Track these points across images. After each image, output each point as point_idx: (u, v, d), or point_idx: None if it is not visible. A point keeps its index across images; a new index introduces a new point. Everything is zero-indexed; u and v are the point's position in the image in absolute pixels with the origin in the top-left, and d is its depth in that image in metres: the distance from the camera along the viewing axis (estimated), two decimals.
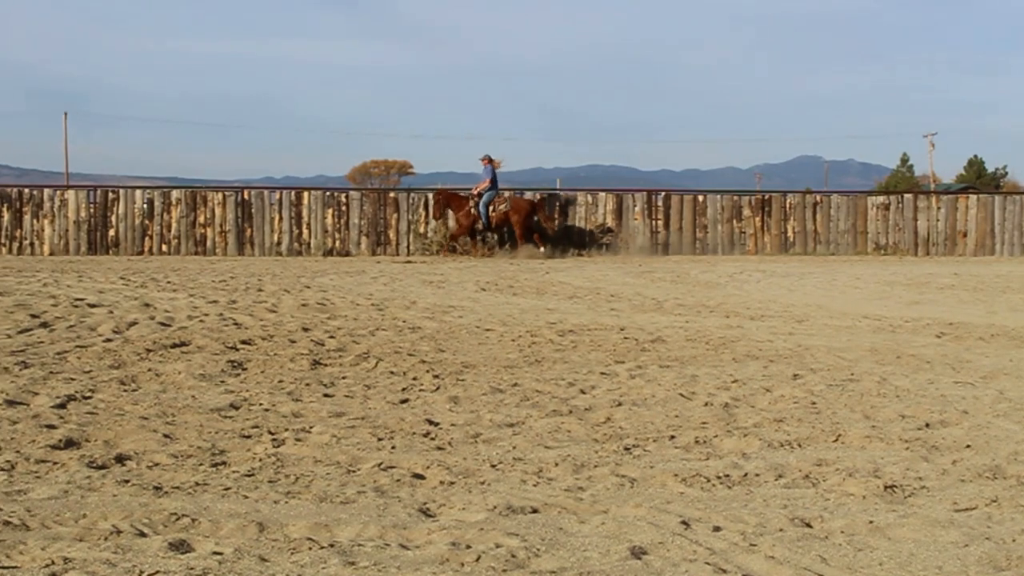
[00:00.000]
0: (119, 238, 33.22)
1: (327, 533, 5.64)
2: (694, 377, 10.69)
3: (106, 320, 14.51)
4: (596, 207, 35.06)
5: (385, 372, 10.89)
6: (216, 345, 12.35)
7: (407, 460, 7.28)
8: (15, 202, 33.20)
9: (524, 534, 5.63)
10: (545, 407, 9.15)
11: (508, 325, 14.72)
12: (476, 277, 23.70)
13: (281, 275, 23.82)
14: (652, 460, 7.36)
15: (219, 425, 8.32)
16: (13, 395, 9.26)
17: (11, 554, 5.21)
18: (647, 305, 17.99)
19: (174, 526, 5.73)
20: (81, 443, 7.65)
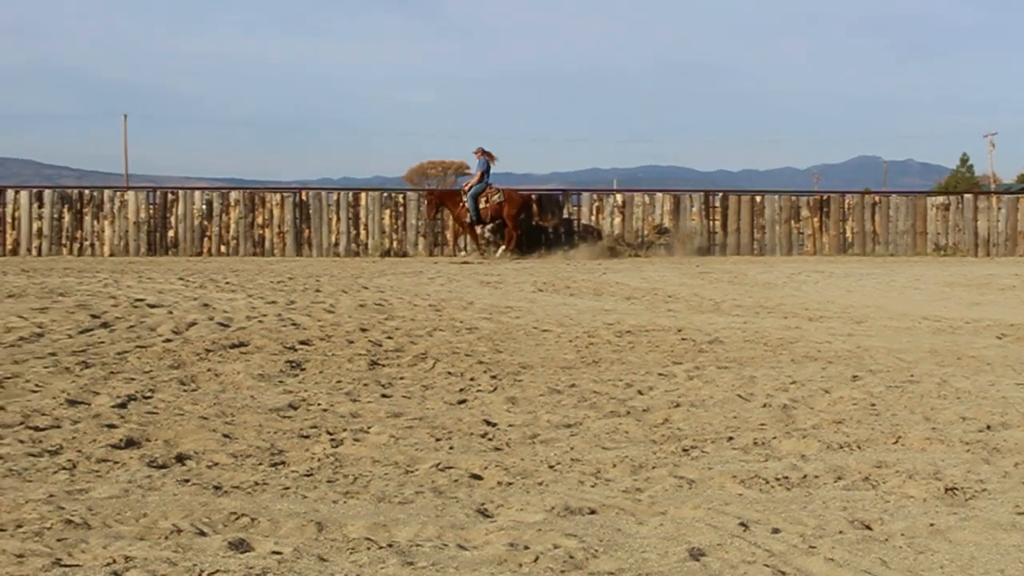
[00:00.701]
0: (178, 239, 33.42)
1: (385, 533, 5.65)
2: (752, 378, 10.65)
3: (166, 320, 14.60)
4: (653, 207, 34.98)
5: (443, 373, 10.90)
6: (275, 345, 12.40)
7: (465, 460, 7.28)
8: (76, 203, 33.47)
9: (582, 535, 5.63)
10: (603, 408, 9.14)
11: (565, 326, 14.71)
12: (533, 278, 23.70)
13: (339, 276, 23.90)
14: (710, 461, 7.34)
15: (278, 425, 8.35)
16: (74, 395, 9.34)
17: (73, 552, 5.25)
18: (705, 306, 17.94)
19: (234, 525, 5.75)
20: (142, 443, 7.70)
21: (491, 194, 32.83)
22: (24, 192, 33.82)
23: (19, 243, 33.00)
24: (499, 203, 32.71)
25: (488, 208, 32.74)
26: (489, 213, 32.82)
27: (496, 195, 32.85)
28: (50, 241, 33.15)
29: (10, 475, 6.77)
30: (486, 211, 32.74)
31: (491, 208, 32.75)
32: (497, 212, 32.85)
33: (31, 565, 5.06)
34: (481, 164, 33.06)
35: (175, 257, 32.33)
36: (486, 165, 33.08)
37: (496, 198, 32.78)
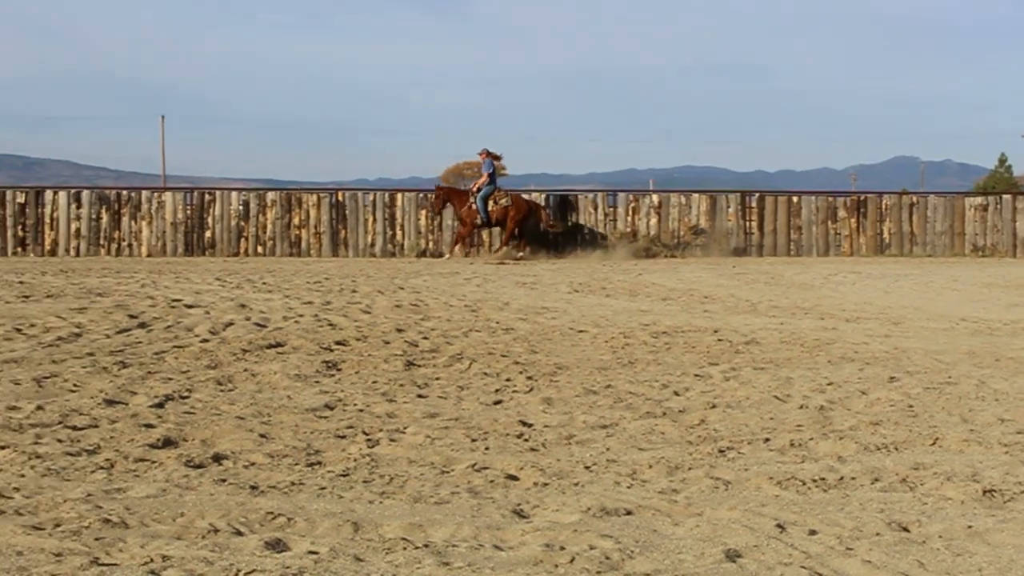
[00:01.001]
0: (215, 239, 33.53)
1: (421, 533, 5.66)
2: (789, 379, 10.62)
3: (203, 321, 14.65)
4: (689, 208, 34.92)
5: (479, 373, 10.91)
6: (311, 346, 12.43)
7: (501, 461, 7.29)
8: (114, 204, 33.61)
9: (618, 536, 5.62)
10: (639, 409, 9.13)
11: (601, 326, 14.70)
12: (569, 278, 23.69)
13: (375, 276, 23.94)
14: (747, 463, 7.32)
15: (314, 425, 8.37)
16: (112, 394, 9.39)
17: (111, 551, 5.28)
18: (741, 307, 17.90)
19: (270, 525, 5.77)
20: (179, 442, 7.73)
21: (499, 197, 32.80)
22: (63, 193, 33.99)
23: (58, 243, 33.16)
24: (505, 207, 32.70)
25: (495, 211, 32.72)
26: (495, 216, 32.80)
27: (504, 199, 32.82)
28: (88, 242, 33.30)
29: (49, 474, 6.81)
30: (493, 213, 32.72)
31: (497, 211, 32.73)
32: (502, 216, 32.82)
33: (69, 564, 5.09)
34: (488, 166, 33.02)
35: (212, 258, 32.42)
36: (492, 167, 33.06)
37: (503, 202, 32.75)
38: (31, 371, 10.49)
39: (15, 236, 33.20)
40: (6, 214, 33.21)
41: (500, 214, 32.74)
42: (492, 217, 32.72)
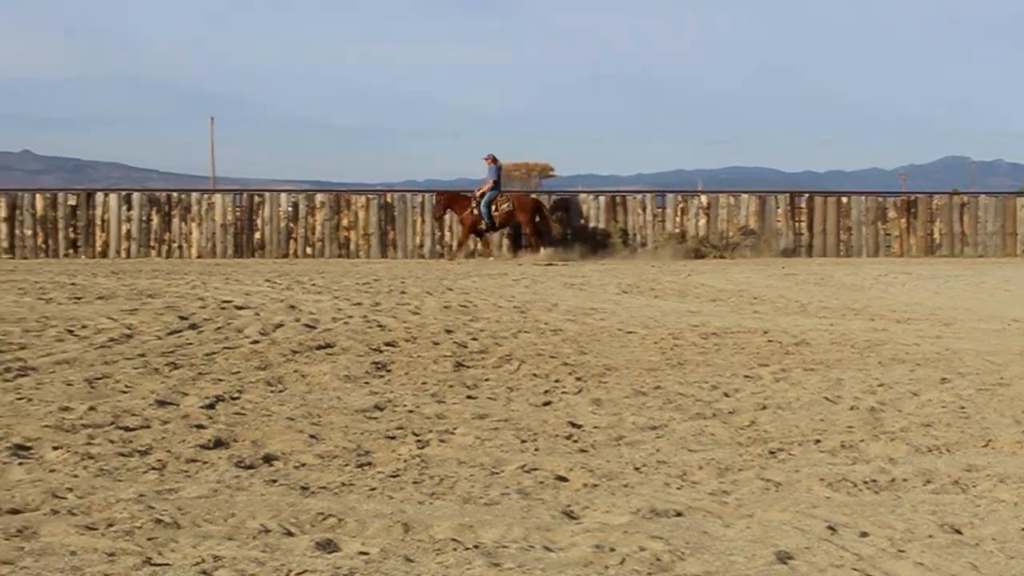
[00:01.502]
0: (264, 241, 33.65)
1: (472, 534, 5.66)
2: (839, 381, 10.57)
3: (253, 322, 14.72)
4: (738, 209, 34.81)
5: (528, 374, 10.91)
6: (360, 347, 12.46)
7: (550, 462, 7.28)
8: (164, 206, 33.79)
9: (668, 537, 5.61)
10: (688, 410, 9.11)
11: (650, 327, 14.67)
12: (617, 279, 23.66)
13: (424, 277, 23.98)
14: (797, 464, 7.29)
15: (364, 426, 8.39)
16: (164, 395, 9.44)
17: (163, 551, 5.31)
18: (791, 307, 17.83)
19: (321, 526, 5.79)
20: (230, 443, 7.77)
21: (500, 202, 32.75)
22: (113, 195, 34.20)
23: (108, 245, 33.37)
24: (508, 211, 32.65)
25: (498, 216, 32.68)
26: (499, 221, 32.77)
27: (505, 203, 32.76)
28: (139, 243, 33.49)
29: (101, 474, 6.86)
30: (497, 218, 32.69)
31: (500, 216, 32.69)
32: (506, 219, 32.79)
33: (122, 564, 5.12)
34: (492, 171, 32.95)
35: (261, 259, 32.55)
36: (497, 172, 33.01)
37: (505, 207, 32.69)
38: (83, 372, 10.56)
39: (67, 238, 33.42)
40: (58, 216, 33.44)
41: (504, 218, 32.73)
42: (496, 221, 32.72)
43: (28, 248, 33.21)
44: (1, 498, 6.21)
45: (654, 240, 34.11)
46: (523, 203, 32.90)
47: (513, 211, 32.59)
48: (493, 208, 32.57)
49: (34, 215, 33.39)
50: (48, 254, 33.08)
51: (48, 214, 33.45)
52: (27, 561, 5.14)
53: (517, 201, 32.91)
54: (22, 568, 5.05)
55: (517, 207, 32.66)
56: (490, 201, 32.59)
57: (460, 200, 33.11)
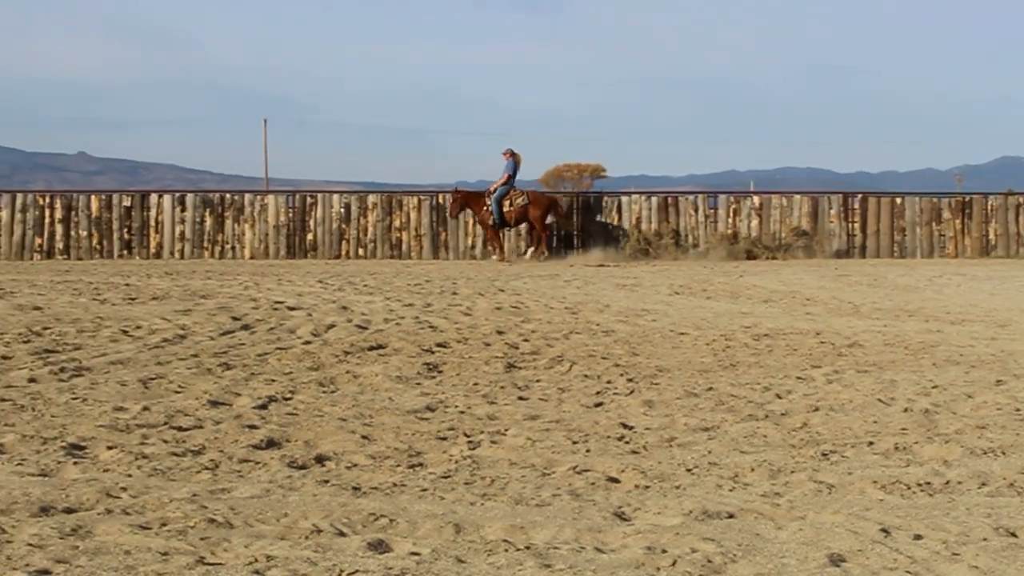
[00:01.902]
0: (317, 242, 33.75)
1: (523, 535, 5.66)
2: (893, 382, 10.52)
3: (305, 323, 14.77)
4: (791, 210, 34.66)
5: (579, 375, 10.91)
6: (412, 348, 12.49)
7: (602, 463, 7.28)
8: (217, 207, 33.96)
9: (720, 539, 5.59)
10: (740, 411, 9.08)
11: (702, 329, 14.63)
12: (669, 280, 23.61)
13: (475, 278, 24.00)
14: (850, 466, 7.25)
15: (416, 427, 8.41)
16: (216, 396, 9.49)
17: (216, 551, 5.34)
18: (844, 309, 17.74)
19: (373, 526, 5.80)
20: (282, 443, 7.80)
21: (515, 197, 32.35)
22: (167, 196, 34.41)
23: (162, 246, 33.56)
24: (523, 206, 32.21)
25: (512, 211, 32.33)
26: (514, 216, 32.46)
27: (520, 198, 32.36)
28: (192, 244, 33.67)
29: (155, 474, 6.90)
30: (510, 214, 32.34)
31: (515, 211, 32.33)
32: (522, 215, 32.42)
33: (175, 563, 5.15)
34: (509, 166, 32.59)
35: (314, 260, 32.64)
36: (513, 167, 32.67)
37: (520, 201, 32.31)
38: (137, 372, 10.64)
39: (121, 239, 33.64)
40: (112, 217, 33.67)
41: (519, 214, 32.36)
42: (510, 218, 32.42)
43: (83, 249, 33.44)
44: (56, 497, 6.26)
45: (706, 241, 34.02)
46: (538, 200, 32.66)
47: (527, 207, 32.33)
48: (507, 204, 32.28)
49: (89, 216, 33.63)
50: (103, 255, 33.30)
51: (103, 215, 33.69)
52: (82, 560, 5.18)
53: (532, 198, 32.64)
54: (77, 567, 5.09)
55: (532, 203, 32.41)
56: (501, 196, 32.27)
57: (477, 199, 32.83)
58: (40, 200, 34.17)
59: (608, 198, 35.20)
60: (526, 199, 32.36)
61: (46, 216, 33.62)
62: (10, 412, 8.70)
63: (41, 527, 5.65)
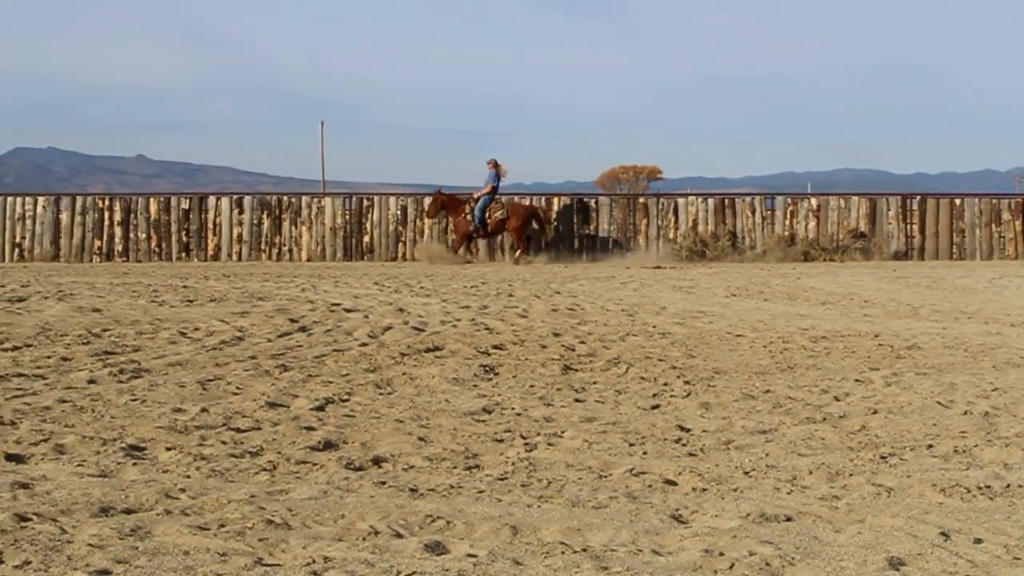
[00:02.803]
0: (373, 244, 33.83)
1: (580, 538, 5.66)
2: (952, 385, 10.44)
3: (362, 325, 14.81)
4: (849, 211, 34.48)
5: (636, 377, 10.89)
6: (468, 350, 12.50)
7: (659, 466, 7.26)
8: (274, 209, 34.11)
9: (778, 542, 5.57)
10: (798, 414, 9.04)
11: (759, 331, 14.58)
12: (726, 282, 23.53)
13: (531, 280, 24.00)
14: (909, 469, 7.21)
15: (472, 429, 8.42)
16: (274, 397, 9.53)
17: (274, 552, 5.36)
18: (902, 311, 17.63)
19: (429, 528, 5.81)
20: (339, 445, 7.82)
21: (494, 209, 32.55)
22: (225, 199, 34.60)
23: (220, 248, 33.74)
24: (501, 219, 32.50)
25: (491, 223, 32.53)
26: (492, 227, 32.62)
27: (499, 211, 32.56)
28: (250, 246, 33.83)
29: (213, 475, 6.94)
30: (490, 224, 32.55)
31: (493, 223, 32.55)
32: (499, 227, 32.65)
33: (234, 564, 5.18)
34: (492, 177, 32.79)
35: (370, 262, 32.72)
36: (496, 178, 32.85)
37: (499, 214, 32.51)
38: (195, 374, 10.70)
39: (179, 241, 33.85)
40: (171, 220, 33.88)
41: (496, 225, 32.59)
42: (489, 227, 32.59)
43: (142, 251, 33.68)
44: (116, 498, 6.30)
45: (763, 243, 33.89)
46: (516, 211, 32.81)
47: (506, 219, 32.52)
48: (487, 214, 32.49)
49: (148, 219, 33.86)
50: (161, 257, 33.53)
51: (161, 218, 33.91)
52: (141, 560, 5.21)
53: (511, 210, 32.81)
54: (136, 567, 5.12)
55: (511, 214, 32.60)
56: (484, 206, 32.48)
57: (455, 204, 32.97)
58: (99, 203, 34.45)
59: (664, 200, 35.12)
60: (505, 212, 32.61)
61: (105, 219, 33.87)
62: (70, 413, 8.78)
63: (101, 528, 5.69)
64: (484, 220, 32.40)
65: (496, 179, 32.80)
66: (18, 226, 33.80)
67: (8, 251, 33.64)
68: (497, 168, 32.89)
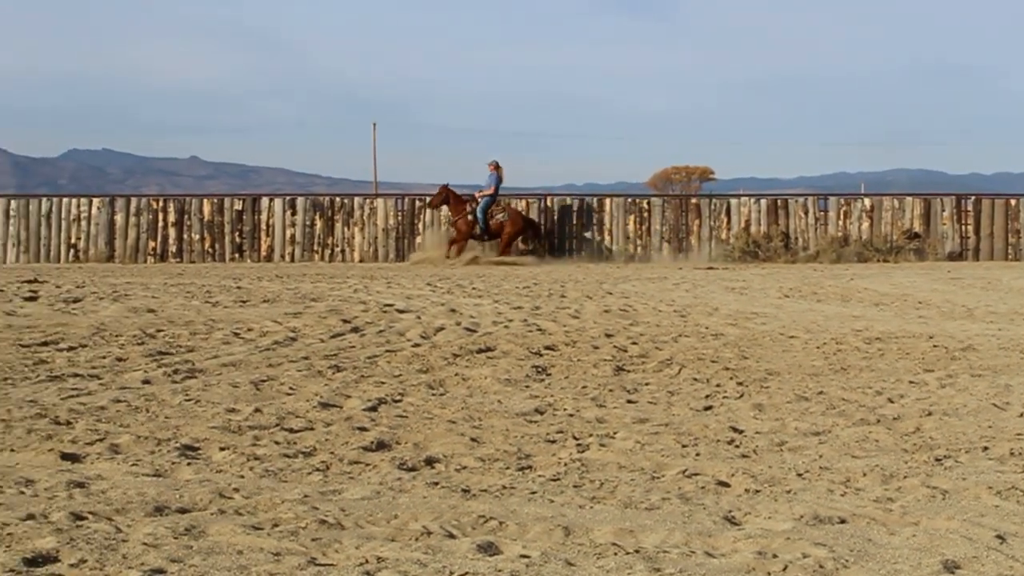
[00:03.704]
0: (425, 245, 33.89)
1: (632, 539, 5.65)
2: (1008, 387, 10.36)
3: (414, 325, 14.84)
4: (903, 212, 34.29)
5: (688, 378, 10.86)
6: (521, 350, 12.50)
7: (711, 467, 7.24)
8: (327, 210, 34.24)
9: (832, 544, 5.54)
10: (852, 416, 9.00)
11: (812, 332, 14.51)
12: (779, 283, 23.44)
13: (583, 281, 23.99)
14: (964, 472, 7.16)
15: (524, 429, 8.42)
16: (327, 398, 9.56)
17: (327, 552, 5.38)
18: (957, 312, 17.51)
19: (482, 528, 5.82)
20: (392, 445, 7.84)
21: (496, 212, 32.65)
22: (278, 200, 34.79)
23: (273, 249, 33.89)
24: (500, 222, 32.56)
25: (494, 224, 32.59)
26: (494, 228, 32.66)
27: (500, 214, 32.68)
28: (302, 247, 33.97)
29: (267, 475, 6.97)
30: (492, 226, 32.60)
31: (493, 225, 32.61)
32: (498, 229, 32.68)
33: (287, 563, 5.20)
34: (493, 179, 32.87)
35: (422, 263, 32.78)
36: (497, 180, 32.91)
37: (499, 216, 32.62)
38: (249, 374, 10.75)
39: (232, 242, 34.03)
40: (224, 221, 34.07)
41: (496, 228, 32.64)
42: (491, 228, 32.67)
43: (195, 252, 33.89)
44: (170, 497, 6.34)
45: (816, 244, 33.75)
46: (515, 219, 32.93)
47: (504, 224, 32.60)
48: (488, 215, 32.59)
49: (201, 220, 34.07)
50: (215, 258, 33.73)
51: (215, 219, 34.11)
52: (195, 559, 5.24)
53: (511, 216, 32.88)
54: (190, 566, 5.15)
55: (509, 220, 32.69)
56: (486, 207, 32.59)
57: (458, 201, 33.07)
58: (153, 204, 34.70)
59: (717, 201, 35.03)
60: (505, 216, 32.70)
61: (159, 220, 34.11)
62: (125, 413, 8.83)
63: (155, 527, 5.73)
64: (487, 222, 32.56)
65: (498, 181, 33.00)
66: (73, 227, 34.09)
67: (63, 252, 33.94)
68: (498, 170, 33.08)
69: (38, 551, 5.31)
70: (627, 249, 33.83)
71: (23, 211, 34.22)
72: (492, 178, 32.99)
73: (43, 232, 34.07)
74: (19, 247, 34.05)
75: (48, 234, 34.08)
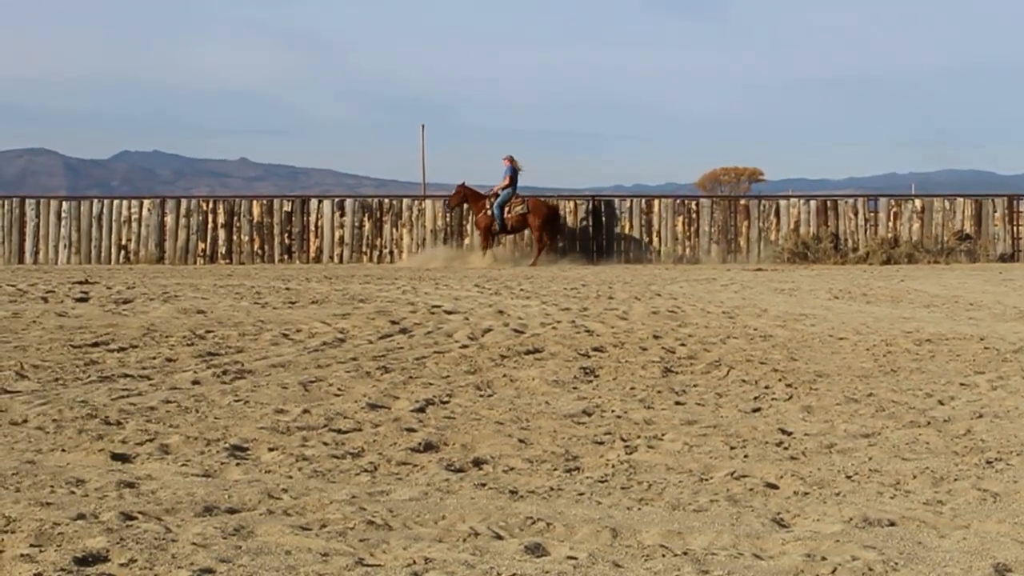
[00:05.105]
0: (474, 247, 33.92)
1: (680, 541, 5.64)
2: None
3: (462, 327, 14.85)
4: (953, 213, 34.07)
5: (736, 380, 10.83)
6: (568, 352, 12.50)
7: (760, 469, 7.22)
8: (375, 212, 34.31)
9: (881, 547, 5.52)
10: (902, 418, 8.95)
11: (862, 334, 14.44)
12: (828, 285, 23.34)
13: (631, 283, 23.95)
14: (1016, 475, 7.11)
15: (572, 431, 8.41)
16: (375, 399, 9.59)
17: (375, 553, 5.39)
18: (1008, 314, 17.38)
19: (529, 530, 5.82)
20: (439, 446, 7.85)
21: (515, 204, 32.36)
22: (327, 201, 34.88)
23: (322, 251, 33.98)
24: (522, 214, 32.25)
25: (511, 218, 32.33)
26: (511, 223, 32.41)
27: (520, 206, 32.32)
28: (351, 249, 34.04)
29: (315, 476, 6.99)
30: (508, 220, 32.35)
31: (513, 218, 32.31)
32: (519, 223, 32.38)
33: (335, 564, 5.21)
34: (507, 170, 32.65)
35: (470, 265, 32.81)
36: (513, 172, 32.66)
37: (519, 209, 32.26)
38: (297, 375, 10.79)
39: (282, 244, 34.15)
40: (273, 222, 34.19)
41: (517, 221, 32.34)
42: (508, 224, 32.42)
43: (245, 253, 34.02)
44: (219, 497, 6.37)
45: (866, 245, 33.56)
46: (537, 208, 32.61)
47: (526, 215, 32.35)
48: (506, 210, 32.37)
49: (251, 221, 34.20)
50: (264, 259, 33.85)
51: (264, 220, 34.24)
52: (244, 559, 5.26)
53: (532, 205, 32.62)
54: (239, 566, 5.17)
55: (531, 211, 32.40)
56: (503, 202, 32.36)
57: (477, 198, 32.93)
58: (203, 205, 34.85)
59: (766, 202, 34.91)
60: (525, 207, 32.47)
61: (209, 221, 34.26)
62: (175, 414, 8.88)
63: (205, 527, 5.75)
64: (503, 217, 32.40)
65: (513, 172, 32.77)
66: (124, 228, 34.28)
67: (114, 253, 34.13)
68: (513, 163, 32.90)
69: (88, 551, 5.34)
70: (675, 250, 33.73)
71: (75, 213, 34.44)
72: (507, 170, 32.85)
73: (94, 233, 34.28)
74: (71, 248, 34.27)
75: (99, 235, 34.28)
